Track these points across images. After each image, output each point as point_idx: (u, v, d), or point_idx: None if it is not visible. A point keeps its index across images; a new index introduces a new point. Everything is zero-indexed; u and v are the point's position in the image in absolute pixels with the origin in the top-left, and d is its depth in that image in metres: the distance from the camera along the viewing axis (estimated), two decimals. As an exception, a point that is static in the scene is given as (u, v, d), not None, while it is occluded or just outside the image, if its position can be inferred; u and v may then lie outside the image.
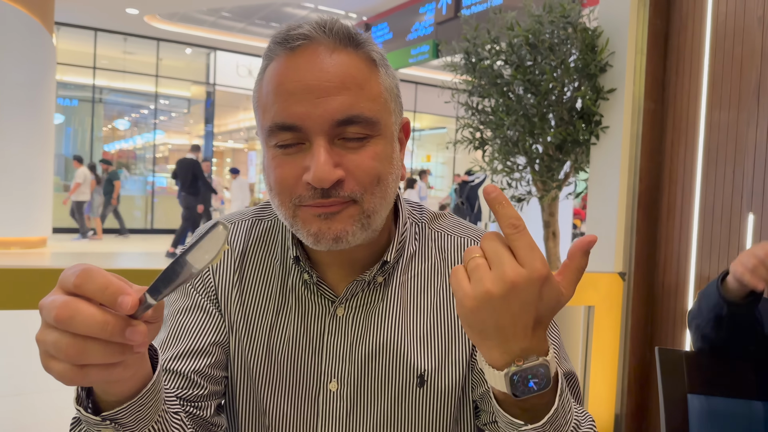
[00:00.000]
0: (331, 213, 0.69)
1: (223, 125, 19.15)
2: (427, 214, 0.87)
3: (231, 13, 11.80)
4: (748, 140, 2.14)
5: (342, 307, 0.79)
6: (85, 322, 0.44)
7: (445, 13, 8.10)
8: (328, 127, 0.68)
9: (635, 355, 2.48)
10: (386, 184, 0.72)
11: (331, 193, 0.68)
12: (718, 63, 2.26)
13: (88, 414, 0.55)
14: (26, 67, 8.50)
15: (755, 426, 1.33)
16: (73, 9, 10.75)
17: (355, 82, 0.69)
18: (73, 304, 0.45)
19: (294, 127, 0.68)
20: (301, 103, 0.68)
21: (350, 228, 0.70)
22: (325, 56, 0.69)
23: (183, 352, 0.77)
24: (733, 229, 2.19)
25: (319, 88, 0.68)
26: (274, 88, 0.70)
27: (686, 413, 1.36)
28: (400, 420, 0.78)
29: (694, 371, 1.39)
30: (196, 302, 0.81)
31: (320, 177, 0.67)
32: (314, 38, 0.70)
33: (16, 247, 8.59)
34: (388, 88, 0.74)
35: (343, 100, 0.68)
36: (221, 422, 0.81)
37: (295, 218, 0.72)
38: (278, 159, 0.71)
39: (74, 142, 13.85)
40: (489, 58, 2.89)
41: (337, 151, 0.69)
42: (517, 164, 3.02)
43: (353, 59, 0.71)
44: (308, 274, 0.78)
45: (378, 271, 0.78)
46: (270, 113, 0.70)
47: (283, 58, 0.70)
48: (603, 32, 2.57)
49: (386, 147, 0.73)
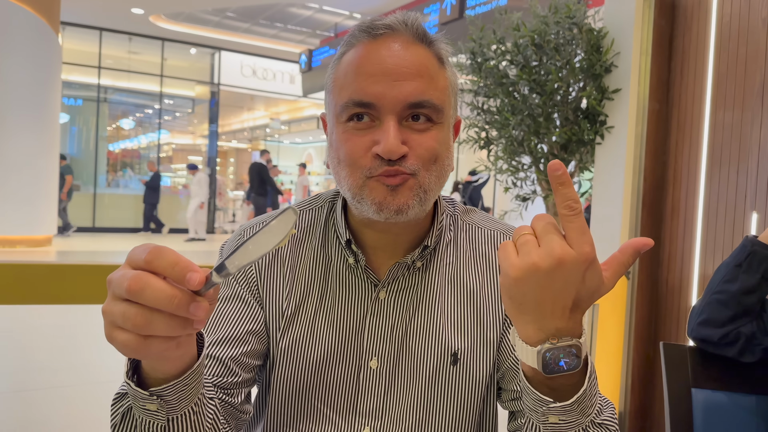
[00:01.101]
0: (396, 185, 0.75)
1: (228, 125, 19.19)
2: (459, 207, 0.93)
3: (236, 13, 11.83)
4: (752, 140, 2.15)
5: (384, 290, 0.85)
6: (155, 294, 0.47)
7: (449, 13, 8.11)
8: (400, 107, 0.75)
9: (639, 353, 2.50)
10: (441, 165, 0.79)
11: (395, 165, 0.75)
12: (722, 63, 2.27)
13: (137, 388, 0.59)
14: (32, 66, 8.54)
15: (759, 420, 1.35)
16: (78, 9, 10.79)
17: (428, 72, 0.77)
18: (144, 277, 0.48)
19: (369, 104, 0.75)
20: (379, 84, 0.74)
21: (411, 201, 0.76)
22: (404, 47, 0.76)
23: (221, 339, 0.81)
24: (736, 228, 2.20)
25: (396, 72, 0.75)
26: (354, 69, 0.76)
27: (690, 408, 1.37)
28: (435, 395, 0.84)
29: (698, 366, 1.40)
30: (236, 292, 0.85)
31: (390, 149, 0.73)
32: (396, 29, 0.77)
33: (22, 245, 8.63)
34: (452, 84, 0.82)
35: (417, 86, 0.75)
36: (249, 410, 0.85)
37: (363, 187, 0.77)
38: (349, 133, 0.77)
39: (79, 141, 13.89)
40: (494, 58, 2.91)
41: (404, 131, 0.76)
42: (522, 164, 3.04)
43: (427, 53, 0.78)
44: (355, 258, 0.84)
45: (419, 255, 0.84)
46: (348, 90, 0.76)
47: (365, 44, 0.77)
48: (608, 33, 2.58)
49: (445, 135, 0.80)
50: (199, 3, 10.67)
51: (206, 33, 12.96)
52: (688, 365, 1.39)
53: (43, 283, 1.67)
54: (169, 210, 13.09)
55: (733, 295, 1.33)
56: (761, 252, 1.31)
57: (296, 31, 12.62)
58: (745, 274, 1.32)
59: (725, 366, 1.39)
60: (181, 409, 0.63)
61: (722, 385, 1.39)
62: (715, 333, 1.34)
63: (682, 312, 2.39)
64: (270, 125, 18.14)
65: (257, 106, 17.71)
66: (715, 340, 1.35)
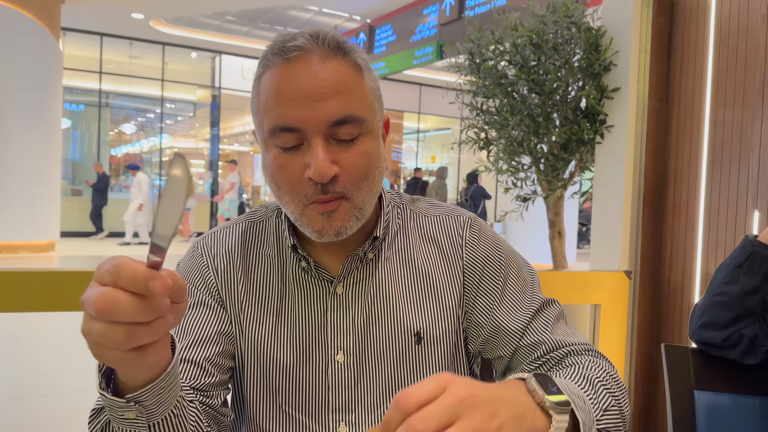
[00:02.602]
0: (331, 211, 0.80)
1: (229, 128, 19.20)
2: (405, 198, 0.98)
3: (236, 16, 11.85)
4: (753, 138, 2.14)
5: (341, 285, 0.88)
6: (126, 310, 0.47)
7: (448, 14, 8.10)
8: (324, 127, 0.77)
9: (642, 353, 2.48)
10: (373, 178, 0.82)
11: (329, 189, 0.78)
12: (722, 61, 2.26)
13: (114, 398, 0.59)
14: (33, 72, 8.57)
15: (763, 422, 1.33)
16: (79, 14, 10.82)
17: (346, 86, 0.78)
18: (112, 294, 0.47)
19: (294, 128, 0.77)
20: (300, 108, 0.76)
21: (347, 223, 0.81)
22: (318, 65, 0.77)
23: (192, 342, 0.83)
24: (738, 226, 2.19)
25: (315, 93, 0.76)
26: (273, 94, 0.78)
27: (693, 409, 1.36)
28: (404, 378, 0.88)
29: (700, 367, 1.39)
30: (199, 299, 0.88)
31: (320, 172, 0.76)
32: (308, 49, 0.78)
33: (25, 251, 8.65)
34: (372, 90, 0.83)
35: (337, 103, 0.77)
36: (228, 412, 0.87)
37: (303, 215, 0.81)
38: (280, 158, 0.80)
39: (81, 146, 13.94)
40: (493, 58, 2.90)
41: (332, 149, 0.78)
42: (522, 164, 3.03)
43: (342, 66, 0.79)
44: (305, 261, 0.87)
45: (369, 247, 0.88)
46: (271, 116, 0.78)
47: (279, 67, 0.78)
48: (607, 31, 2.57)
49: (373, 144, 0.82)
50: (199, 7, 10.69)
51: (207, 37, 12.99)
52: (690, 367, 1.38)
53: (45, 290, 1.66)
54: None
55: (735, 297, 1.31)
56: (762, 252, 1.30)
57: (296, 33, 12.64)
58: (746, 275, 1.31)
59: (728, 368, 1.38)
60: (161, 414, 0.63)
61: (725, 386, 1.37)
62: (717, 336, 1.33)
63: (685, 311, 2.38)
64: (271, 128, 18.17)
65: (258, 109, 17.72)
66: (717, 342, 1.33)
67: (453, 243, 0.92)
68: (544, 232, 3.14)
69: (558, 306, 0.91)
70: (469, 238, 0.93)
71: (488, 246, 0.93)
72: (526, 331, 0.87)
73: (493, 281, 0.90)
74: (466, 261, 0.91)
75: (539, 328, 0.87)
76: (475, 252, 0.92)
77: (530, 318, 0.87)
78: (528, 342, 0.86)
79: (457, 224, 0.94)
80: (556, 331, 0.87)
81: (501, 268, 0.91)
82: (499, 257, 0.92)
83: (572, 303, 2.46)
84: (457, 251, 0.92)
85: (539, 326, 0.87)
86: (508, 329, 0.87)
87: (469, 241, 0.92)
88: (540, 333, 0.86)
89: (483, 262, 0.91)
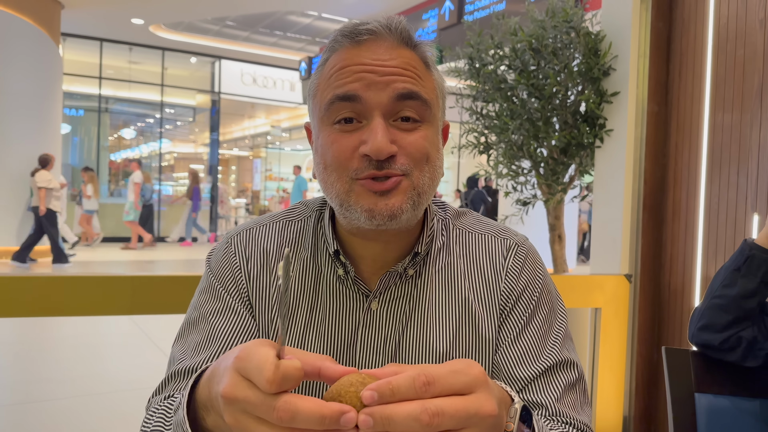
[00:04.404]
0: (386, 190, 0.72)
1: (229, 133, 19.23)
2: (450, 211, 0.90)
3: (235, 21, 11.87)
4: (752, 141, 2.15)
5: (376, 301, 0.82)
6: (305, 418, 0.45)
7: (448, 19, 8.13)
8: (387, 100, 0.72)
9: (643, 356, 2.49)
10: (433, 166, 0.76)
11: (384, 166, 0.71)
12: (720, 65, 2.27)
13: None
14: (33, 77, 8.58)
15: (763, 425, 1.34)
16: (79, 20, 10.84)
17: (415, 71, 0.75)
18: (293, 402, 0.46)
19: (354, 97, 0.72)
20: (364, 79, 0.72)
21: (404, 205, 0.73)
22: (388, 51, 0.74)
23: (217, 354, 0.79)
24: (738, 229, 2.19)
25: (381, 71, 0.73)
26: (337, 70, 0.74)
27: (694, 412, 1.36)
28: None
29: (701, 370, 1.39)
30: (227, 304, 0.83)
31: (378, 147, 0.70)
32: (379, 34, 0.75)
33: (25, 256, 8.63)
34: (440, 87, 0.80)
35: (404, 80, 0.73)
36: None
37: (350, 193, 0.74)
38: (335, 135, 0.74)
39: (81, 151, 13.95)
40: (492, 63, 2.91)
41: (392, 131, 0.73)
42: (522, 168, 3.03)
43: (413, 56, 0.76)
44: (344, 269, 0.81)
45: (410, 263, 0.81)
46: (331, 88, 0.74)
47: (347, 49, 0.75)
48: (606, 36, 2.58)
49: (434, 135, 0.77)
50: (199, 12, 10.72)
51: (206, 42, 13.01)
52: (691, 370, 1.38)
53: (45, 295, 1.67)
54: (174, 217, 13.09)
55: (733, 300, 1.32)
56: (760, 256, 1.31)
57: (295, 38, 12.66)
58: (744, 278, 1.32)
59: (728, 370, 1.38)
60: None
61: (725, 389, 1.38)
62: (716, 338, 1.34)
63: (685, 314, 2.38)
64: (271, 132, 18.18)
65: (258, 113, 17.75)
66: (715, 344, 1.34)
67: (495, 268, 0.84)
68: (544, 236, 3.14)
69: (577, 372, 0.81)
70: (512, 266, 0.84)
71: (529, 277, 0.84)
72: (530, 386, 0.78)
73: (518, 317, 0.82)
74: (503, 290, 0.83)
75: (545, 388, 0.78)
76: (514, 282, 0.83)
77: (539, 373, 0.78)
78: (526, 398, 0.78)
79: (503, 247, 0.86)
80: (564, 399, 0.77)
81: (530, 305, 0.82)
82: (532, 293, 0.83)
83: (573, 307, 2.46)
84: (497, 277, 0.84)
85: (545, 386, 0.78)
86: (510, 375, 0.80)
87: (511, 269, 0.84)
88: (543, 394, 0.77)
89: (518, 295, 0.83)
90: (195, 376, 0.60)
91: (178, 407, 0.61)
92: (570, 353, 0.82)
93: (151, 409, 0.74)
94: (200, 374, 0.60)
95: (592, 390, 2.43)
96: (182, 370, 0.77)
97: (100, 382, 3.67)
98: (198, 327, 0.82)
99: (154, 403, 0.76)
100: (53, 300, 1.67)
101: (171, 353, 0.82)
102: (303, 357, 0.50)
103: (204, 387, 0.57)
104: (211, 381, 0.54)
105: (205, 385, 0.57)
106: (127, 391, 3.50)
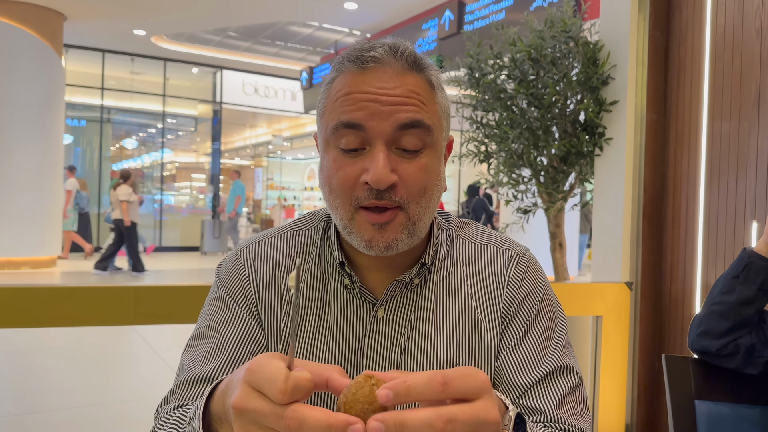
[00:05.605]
0: (383, 223, 0.76)
1: (230, 143, 19.28)
2: (454, 222, 0.93)
3: (237, 32, 11.94)
4: (750, 149, 2.16)
5: (382, 309, 0.84)
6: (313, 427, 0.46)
7: (447, 29, 8.17)
8: (390, 130, 0.75)
9: (644, 364, 2.49)
10: (430, 195, 0.79)
11: (384, 196, 0.75)
12: (718, 74, 2.29)
13: None
14: (36, 88, 8.64)
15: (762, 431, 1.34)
16: (81, 31, 10.91)
17: (419, 98, 0.77)
18: (300, 411, 0.47)
19: (358, 125, 0.75)
20: (368, 108, 0.75)
21: (400, 236, 0.77)
22: (393, 77, 0.76)
23: (227, 362, 0.81)
24: (737, 237, 2.20)
25: (385, 99, 0.75)
26: (343, 94, 0.76)
27: (694, 420, 1.37)
28: None
29: (701, 378, 1.40)
30: (236, 314, 0.85)
31: (379, 178, 0.73)
32: (385, 61, 0.77)
33: (26, 267, 8.66)
34: (443, 107, 0.81)
35: (406, 109, 0.75)
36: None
37: (352, 221, 0.77)
38: (339, 161, 0.77)
39: (83, 161, 13.98)
40: (492, 72, 2.93)
41: (394, 158, 0.76)
42: (522, 176, 3.05)
43: (417, 80, 0.78)
44: (350, 279, 0.84)
45: (416, 273, 0.84)
46: (336, 113, 0.76)
47: (353, 74, 0.77)
48: (604, 46, 2.61)
49: (435, 161, 0.79)
50: (201, 23, 10.78)
51: (208, 52, 13.07)
52: (691, 377, 1.39)
53: (47, 306, 1.68)
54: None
55: (731, 307, 1.34)
56: (758, 263, 1.32)
57: (297, 48, 12.72)
58: (743, 285, 1.33)
59: (728, 378, 1.39)
60: None
61: (725, 396, 1.38)
62: (714, 344, 1.35)
63: (686, 322, 2.39)
64: (272, 142, 18.23)
65: (259, 123, 17.80)
66: (713, 351, 1.35)
67: (496, 278, 0.87)
68: (545, 244, 3.15)
69: (576, 378, 0.83)
70: (513, 276, 0.87)
71: (530, 287, 0.86)
72: (529, 392, 0.80)
73: (519, 325, 0.84)
74: (505, 299, 0.86)
75: (543, 394, 0.80)
76: (515, 291, 0.86)
77: (538, 379, 0.80)
78: (525, 404, 0.79)
79: (504, 257, 0.88)
80: (563, 405, 0.79)
81: (531, 314, 0.85)
82: (533, 302, 0.85)
83: (574, 315, 2.47)
84: (499, 287, 0.86)
85: (544, 392, 0.80)
86: (510, 382, 0.81)
87: (512, 279, 0.86)
88: (542, 400, 0.79)
89: (519, 304, 0.85)
90: (210, 389, 0.62)
91: (192, 418, 0.63)
92: (570, 359, 0.84)
93: (162, 419, 0.75)
94: (215, 386, 0.61)
95: (594, 398, 2.43)
96: (191, 378, 0.79)
97: (103, 392, 3.67)
98: (207, 336, 0.84)
99: (164, 412, 0.77)
100: (57, 310, 1.68)
101: (180, 362, 0.84)
102: (312, 368, 0.51)
103: (219, 399, 0.58)
104: (225, 393, 0.56)
105: (219, 397, 0.58)
106: (130, 402, 3.50)
